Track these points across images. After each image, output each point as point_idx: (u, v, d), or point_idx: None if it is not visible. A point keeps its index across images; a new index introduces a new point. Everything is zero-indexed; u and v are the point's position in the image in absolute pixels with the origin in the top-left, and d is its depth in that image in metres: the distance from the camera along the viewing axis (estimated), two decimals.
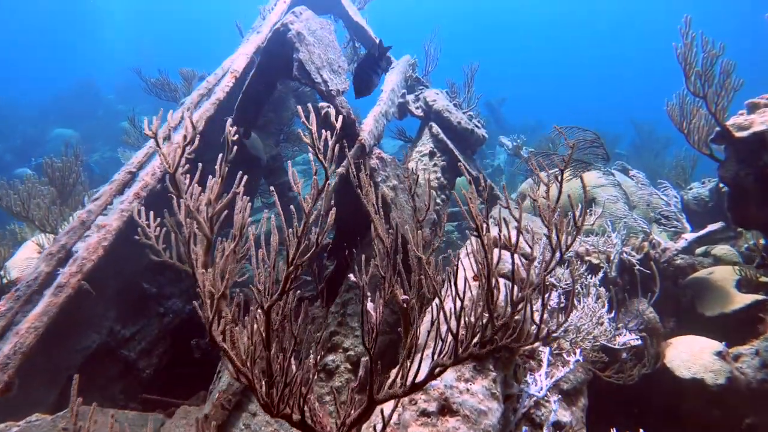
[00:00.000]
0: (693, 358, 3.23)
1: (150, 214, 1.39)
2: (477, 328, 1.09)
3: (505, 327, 1.10)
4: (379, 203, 1.61)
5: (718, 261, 4.39)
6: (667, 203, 4.20)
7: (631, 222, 4.18)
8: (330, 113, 3.39)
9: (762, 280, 3.75)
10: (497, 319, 1.10)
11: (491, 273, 1.13)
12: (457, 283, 1.14)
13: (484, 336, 1.08)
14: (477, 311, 1.10)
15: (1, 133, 16.78)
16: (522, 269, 1.29)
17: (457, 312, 1.07)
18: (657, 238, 4.03)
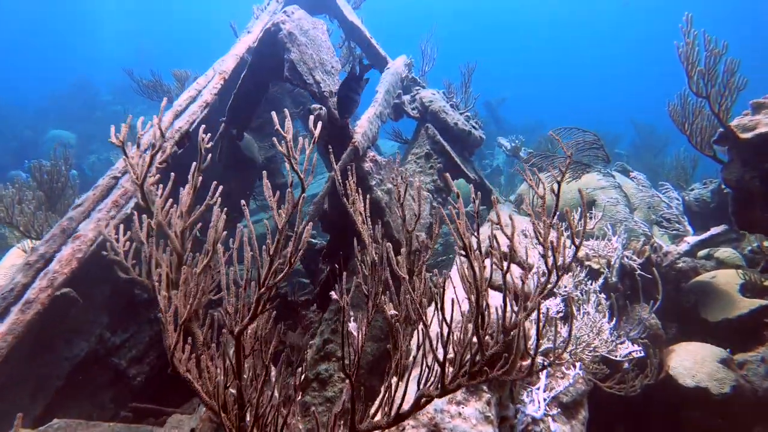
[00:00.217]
0: (697, 365, 3.14)
1: (120, 227, 1.30)
2: (466, 356, 1.00)
3: (497, 355, 1.01)
4: (367, 213, 1.52)
5: (720, 264, 4.29)
6: (669, 205, 4.10)
7: (632, 225, 4.08)
8: (322, 115, 3.30)
9: (767, 284, 3.66)
10: (488, 346, 1.01)
11: (481, 296, 1.04)
12: (444, 307, 1.05)
13: (474, 365, 0.99)
14: (466, 337, 1.01)
15: None
16: (517, 287, 1.19)
17: (445, 339, 0.98)
18: (658, 241, 3.94)
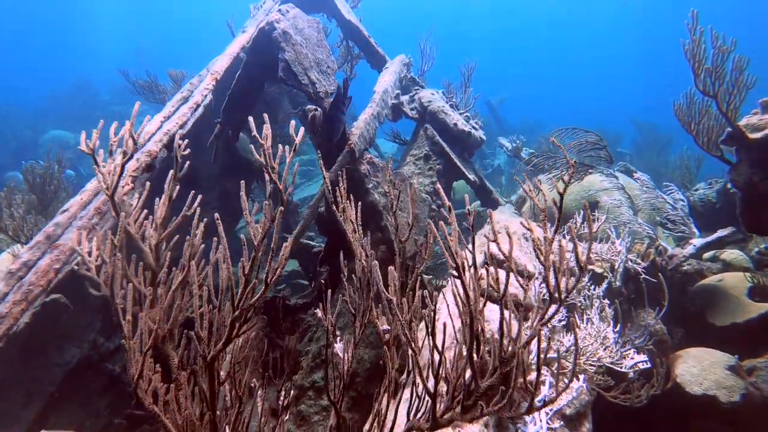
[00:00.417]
0: (704, 372, 3.04)
1: (95, 238, 1.21)
2: (459, 386, 0.91)
3: (494, 386, 0.93)
4: (358, 221, 1.43)
5: (727, 266, 4.19)
6: (674, 207, 4.01)
7: (636, 227, 3.99)
8: (317, 116, 3.21)
9: None
10: (484, 375, 0.92)
11: (475, 320, 0.95)
12: (436, 331, 0.96)
13: (468, 396, 0.90)
14: (460, 364, 0.92)
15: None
16: (518, 299, 1.11)
17: (436, 368, 0.90)
18: (663, 244, 3.84)
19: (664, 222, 4.21)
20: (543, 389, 2.03)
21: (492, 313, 1.78)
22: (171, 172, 1.30)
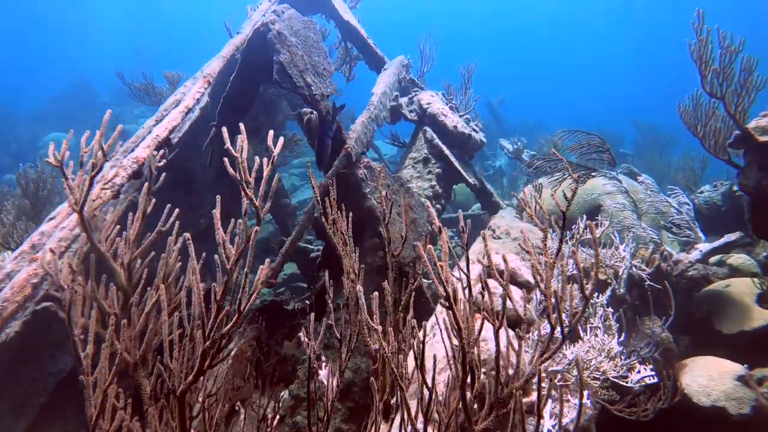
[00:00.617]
0: (712, 383, 2.95)
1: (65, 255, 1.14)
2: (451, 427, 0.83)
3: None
4: (349, 233, 1.35)
5: (734, 271, 4.09)
6: (679, 211, 3.91)
7: (640, 232, 3.90)
8: (313, 119, 3.13)
9: None
10: (482, 404, 0.85)
11: (467, 358, 0.87)
12: (425, 364, 0.88)
13: None
14: (451, 404, 0.84)
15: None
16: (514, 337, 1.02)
17: (425, 407, 0.82)
18: (668, 249, 3.75)
19: (668, 226, 4.12)
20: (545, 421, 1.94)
21: (488, 332, 1.70)
22: (145, 185, 1.22)
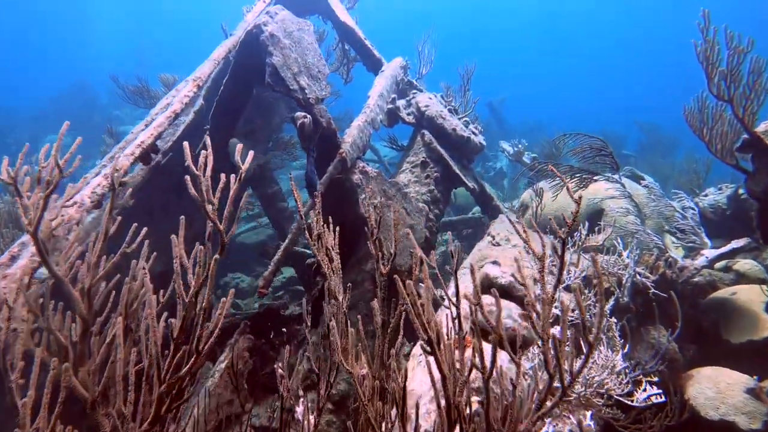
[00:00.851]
0: (720, 395, 2.85)
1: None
2: None
3: None
4: (336, 249, 1.26)
5: (741, 277, 3.99)
6: (683, 216, 3.81)
7: (644, 237, 3.79)
8: (306, 124, 3.04)
9: None
10: None
11: (452, 407, 0.77)
12: (407, 409, 0.79)
13: None
14: None
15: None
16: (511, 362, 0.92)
17: None
18: (673, 255, 3.64)
19: (673, 231, 4.01)
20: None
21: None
22: (107, 205, 1.13)
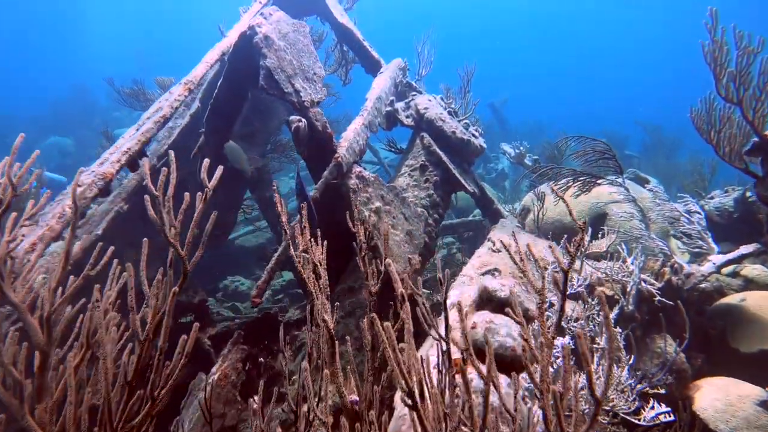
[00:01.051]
0: (731, 408, 2.74)
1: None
2: None
3: None
4: (323, 265, 1.18)
5: (749, 283, 3.88)
6: (689, 220, 3.71)
7: (649, 243, 3.69)
8: (301, 128, 2.96)
9: None
10: None
11: None
12: None
13: None
14: None
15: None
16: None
17: None
18: (679, 260, 3.54)
19: (678, 236, 3.91)
20: None
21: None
22: (70, 225, 1.05)
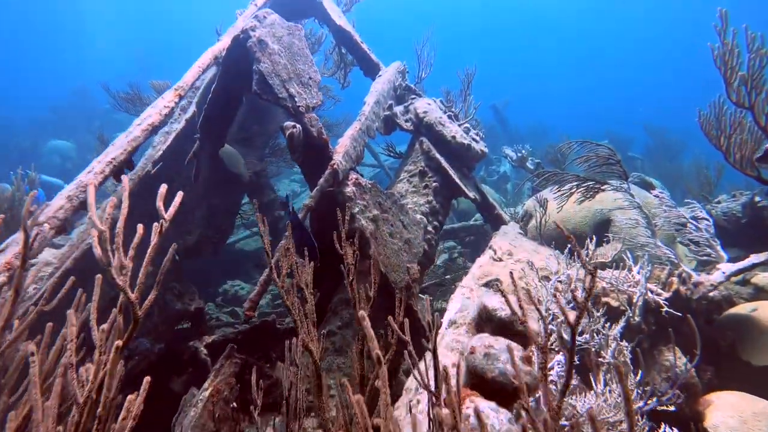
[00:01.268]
0: (745, 426, 2.63)
1: None
2: None
3: None
4: (310, 288, 1.08)
5: (759, 292, 3.76)
6: (697, 227, 3.59)
7: (655, 251, 3.58)
8: (295, 134, 2.87)
9: None
10: None
11: None
12: None
13: None
14: None
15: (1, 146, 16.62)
16: None
17: None
18: (687, 269, 3.43)
19: (686, 243, 3.80)
20: None
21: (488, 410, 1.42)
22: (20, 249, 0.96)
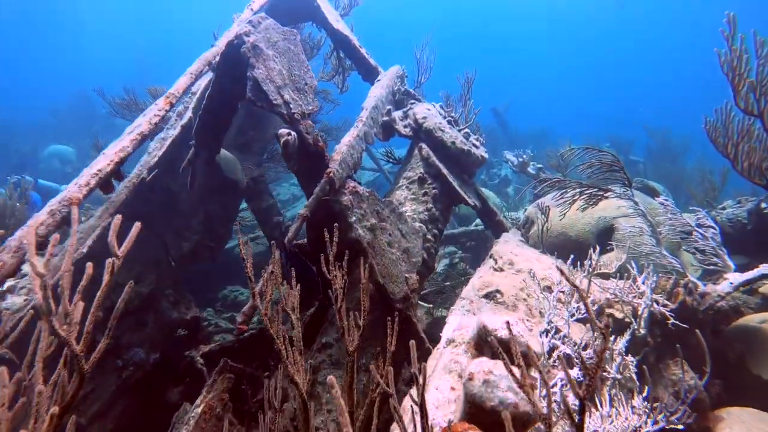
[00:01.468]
0: None
1: None
2: None
3: None
4: (297, 307, 1.00)
5: (767, 302, 3.67)
6: (703, 236, 3.50)
7: (661, 260, 3.49)
8: (290, 142, 2.79)
9: None
10: None
11: None
12: None
13: None
14: None
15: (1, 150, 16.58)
16: None
17: None
18: (693, 279, 3.34)
19: (691, 251, 3.71)
20: None
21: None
22: None
